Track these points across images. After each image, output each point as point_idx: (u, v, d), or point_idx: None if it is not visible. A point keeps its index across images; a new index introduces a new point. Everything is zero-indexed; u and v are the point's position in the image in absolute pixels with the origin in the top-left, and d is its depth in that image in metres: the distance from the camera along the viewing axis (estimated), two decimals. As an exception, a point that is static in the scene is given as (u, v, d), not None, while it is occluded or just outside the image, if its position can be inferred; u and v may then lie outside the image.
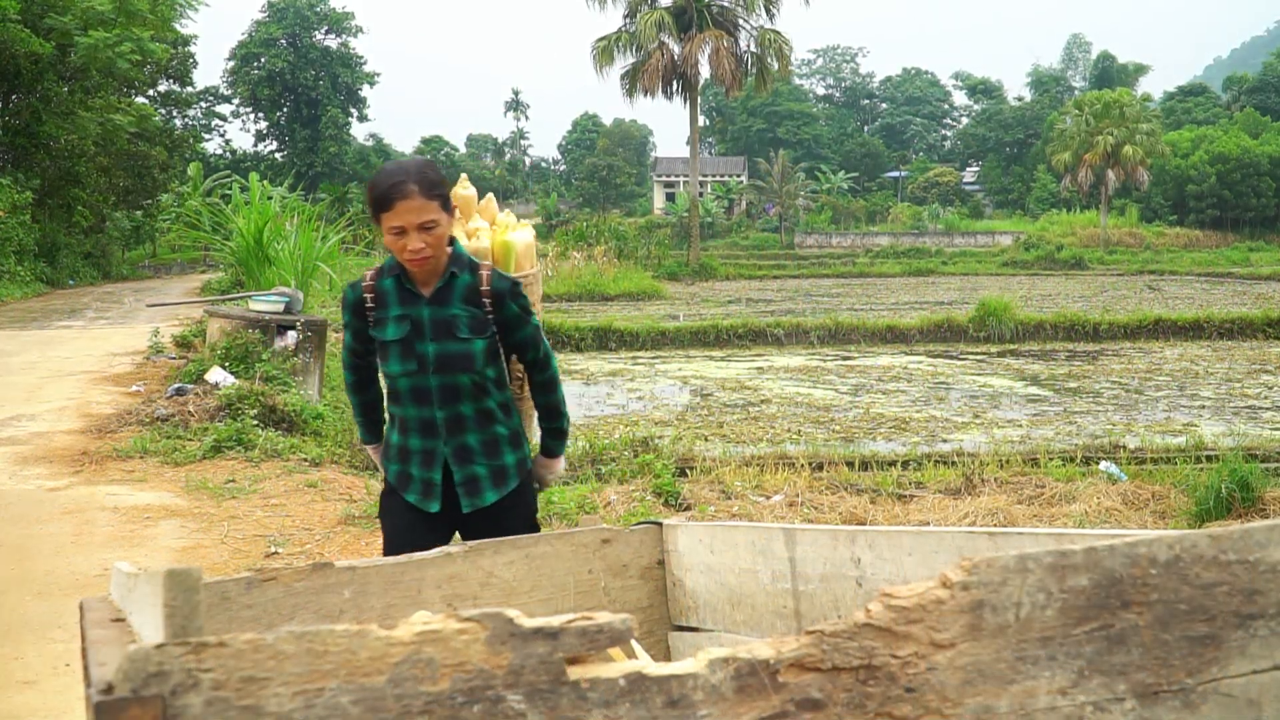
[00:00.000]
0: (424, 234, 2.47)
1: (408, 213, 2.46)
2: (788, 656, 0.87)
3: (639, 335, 17.69)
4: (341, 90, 63.20)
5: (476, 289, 2.59)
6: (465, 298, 2.59)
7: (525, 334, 2.65)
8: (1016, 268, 45.28)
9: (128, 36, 29.03)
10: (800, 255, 50.61)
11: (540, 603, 1.94)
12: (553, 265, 31.68)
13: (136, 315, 19.82)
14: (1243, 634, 0.95)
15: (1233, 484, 6.03)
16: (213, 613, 1.64)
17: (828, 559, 1.68)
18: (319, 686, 0.78)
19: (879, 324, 18.70)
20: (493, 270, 2.63)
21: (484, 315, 2.59)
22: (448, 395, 2.62)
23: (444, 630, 0.81)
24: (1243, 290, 31.11)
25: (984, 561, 0.91)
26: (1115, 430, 9.70)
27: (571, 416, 10.01)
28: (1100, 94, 52.75)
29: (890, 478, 7.31)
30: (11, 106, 29.38)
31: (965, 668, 0.90)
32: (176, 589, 0.93)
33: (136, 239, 39.86)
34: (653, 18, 38.14)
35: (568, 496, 6.42)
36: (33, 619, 4.38)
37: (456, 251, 2.62)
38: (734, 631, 1.87)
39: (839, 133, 77.85)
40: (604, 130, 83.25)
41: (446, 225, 2.53)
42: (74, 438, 8.33)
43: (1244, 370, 14.37)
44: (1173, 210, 56.83)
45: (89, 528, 5.80)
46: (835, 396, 12.24)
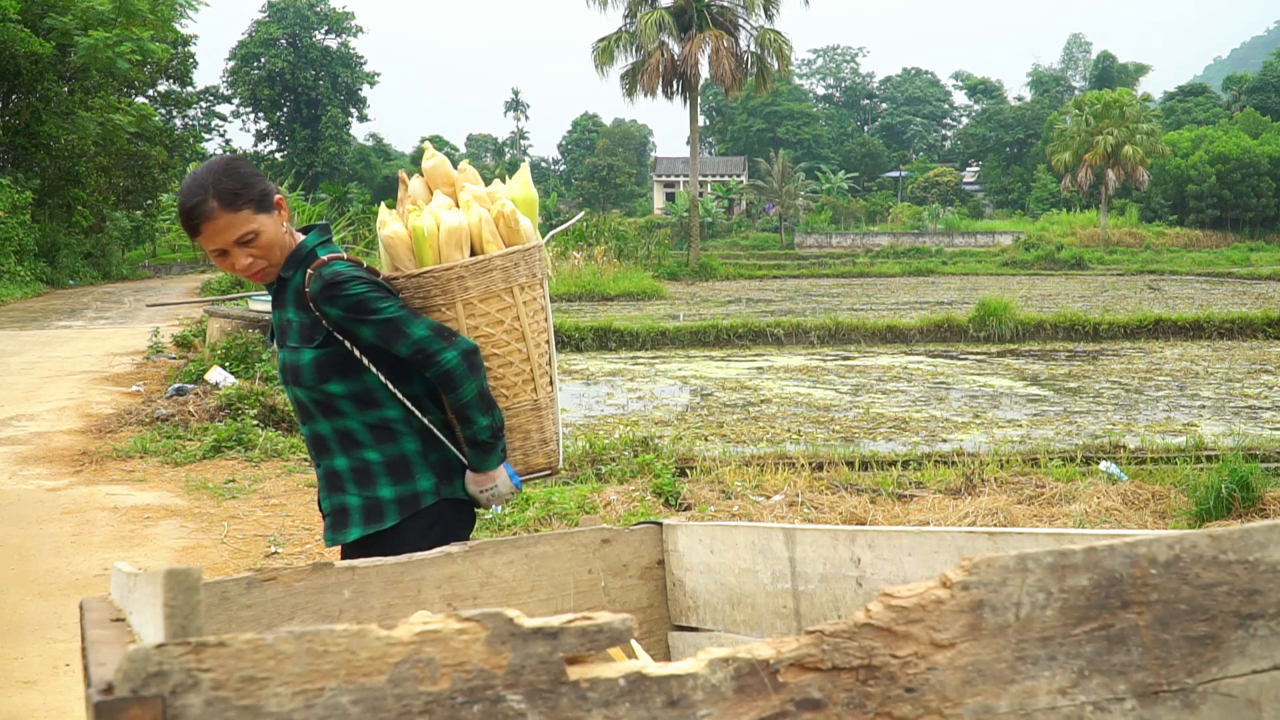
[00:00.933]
0: (246, 248, 2.21)
1: (218, 234, 2.18)
2: (788, 656, 0.87)
3: (639, 335, 17.69)
4: (341, 90, 63.21)
5: (302, 291, 2.27)
6: (296, 301, 2.29)
7: (373, 335, 2.21)
8: (1016, 268, 45.28)
9: (128, 36, 29.04)
10: (800, 255, 50.62)
11: (540, 603, 1.94)
12: (553, 265, 31.68)
13: (136, 315, 19.82)
14: (1243, 634, 0.95)
15: (1233, 484, 6.03)
16: (213, 613, 1.64)
17: (828, 559, 1.68)
18: (319, 686, 0.78)
19: (879, 324, 18.71)
20: (315, 270, 2.24)
21: (315, 321, 2.25)
22: (300, 411, 2.35)
23: (444, 630, 0.82)
24: (1243, 290, 31.11)
25: (984, 561, 0.92)
26: (1115, 430, 9.70)
27: (572, 416, 9.83)
28: (1100, 94, 52.74)
29: (890, 478, 7.31)
30: (11, 106, 29.39)
31: (965, 668, 0.90)
32: (176, 589, 0.93)
33: (136, 239, 39.91)
34: (653, 18, 38.14)
35: (568, 496, 6.42)
36: (33, 619, 4.38)
37: (301, 245, 2.31)
38: (734, 631, 1.87)
39: (839, 133, 77.87)
40: (604, 130, 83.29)
41: (270, 224, 2.23)
42: (74, 438, 8.33)
43: (1244, 370, 14.37)
44: (1173, 210, 56.84)
45: (89, 528, 5.80)
46: (835, 396, 12.24)
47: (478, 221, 2.35)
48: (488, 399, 2.27)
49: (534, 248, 2.38)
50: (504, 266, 2.33)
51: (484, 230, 2.35)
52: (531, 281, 2.38)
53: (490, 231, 2.35)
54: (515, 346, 2.35)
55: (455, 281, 2.29)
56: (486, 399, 2.27)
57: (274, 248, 2.25)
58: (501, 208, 2.38)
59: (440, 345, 2.22)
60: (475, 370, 2.25)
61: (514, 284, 2.33)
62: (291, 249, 2.30)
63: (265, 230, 2.22)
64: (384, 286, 2.27)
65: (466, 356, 2.24)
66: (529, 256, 2.37)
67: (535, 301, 2.39)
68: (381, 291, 2.24)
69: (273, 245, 2.25)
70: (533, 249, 2.38)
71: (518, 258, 2.34)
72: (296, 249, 2.30)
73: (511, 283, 2.33)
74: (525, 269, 2.36)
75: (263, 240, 2.23)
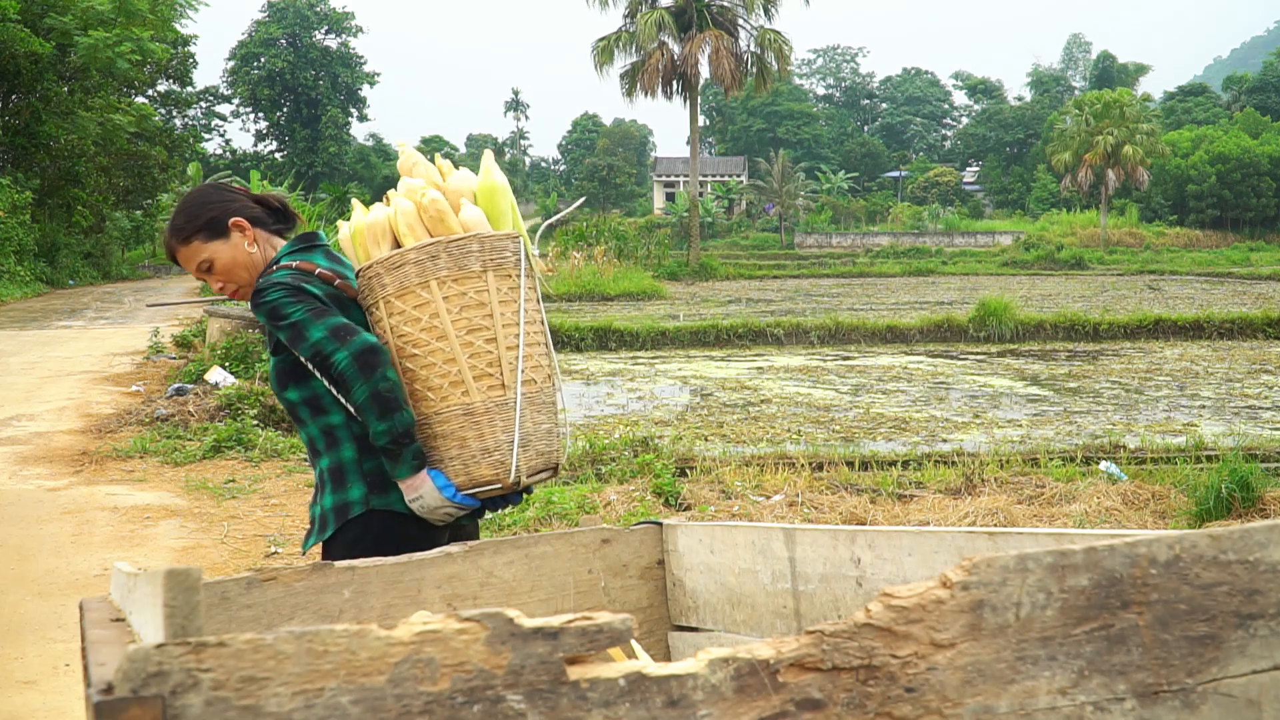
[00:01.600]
0: (211, 275, 2.29)
1: (185, 264, 2.30)
2: (788, 656, 0.87)
3: (639, 335, 17.69)
4: (341, 90, 63.22)
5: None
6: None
7: (285, 340, 2.17)
8: (1016, 268, 45.29)
9: (127, 36, 29.05)
10: (800, 255, 50.64)
11: (540, 603, 1.94)
12: (553, 265, 31.69)
13: (136, 315, 19.82)
14: (1243, 634, 0.95)
15: (1233, 484, 6.03)
16: (213, 613, 1.64)
17: (828, 559, 1.68)
18: (319, 687, 0.78)
19: (879, 324, 18.71)
20: (260, 278, 2.24)
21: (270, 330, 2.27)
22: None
23: (444, 630, 0.82)
24: (1243, 290, 31.12)
25: (984, 561, 0.92)
26: (1115, 430, 9.70)
27: (572, 416, 9.81)
28: (1100, 94, 52.76)
29: (890, 478, 7.31)
30: (11, 106, 29.39)
31: (965, 668, 0.90)
32: (176, 589, 0.93)
33: (136, 239, 39.92)
34: (653, 18, 38.15)
35: (568, 496, 6.42)
36: (33, 619, 4.38)
37: (275, 258, 2.33)
38: (734, 631, 1.87)
39: (839, 133, 77.89)
40: (604, 130, 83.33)
41: (224, 249, 2.28)
42: (74, 438, 8.33)
43: (1244, 370, 14.37)
44: (1173, 210, 56.86)
45: (89, 528, 5.80)
46: (835, 396, 12.24)
47: (394, 214, 2.23)
48: (384, 401, 2.11)
49: (465, 238, 2.18)
50: (418, 260, 2.16)
51: (400, 223, 2.22)
52: (461, 274, 2.17)
53: (408, 224, 2.21)
54: (436, 346, 2.16)
55: (374, 279, 2.21)
56: (383, 401, 2.10)
57: (235, 269, 2.29)
58: (421, 197, 2.22)
59: (333, 346, 2.11)
60: (367, 370, 2.10)
61: (431, 278, 2.15)
62: (264, 264, 2.31)
63: (219, 256, 2.28)
64: (305, 291, 2.18)
65: (358, 356, 2.10)
66: (456, 247, 2.17)
67: (469, 296, 2.17)
68: (296, 296, 2.16)
69: (233, 268, 2.29)
70: (464, 239, 2.18)
71: (436, 249, 2.16)
72: (271, 262, 2.31)
73: (428, 277, 2.15)
74: (448, 261, 2.16)
75: (219, 266, 2.28)
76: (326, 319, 2.15)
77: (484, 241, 2.20)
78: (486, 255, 2.20)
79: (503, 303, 2.21)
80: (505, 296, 2.21)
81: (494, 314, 2.19)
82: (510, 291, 2.22)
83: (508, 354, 2.19)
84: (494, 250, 2.21)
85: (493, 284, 2.20)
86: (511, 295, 2.22)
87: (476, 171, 2.40)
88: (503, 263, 2.22)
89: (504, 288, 2.21)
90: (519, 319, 2.22)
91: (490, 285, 2.19)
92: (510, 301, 2.22)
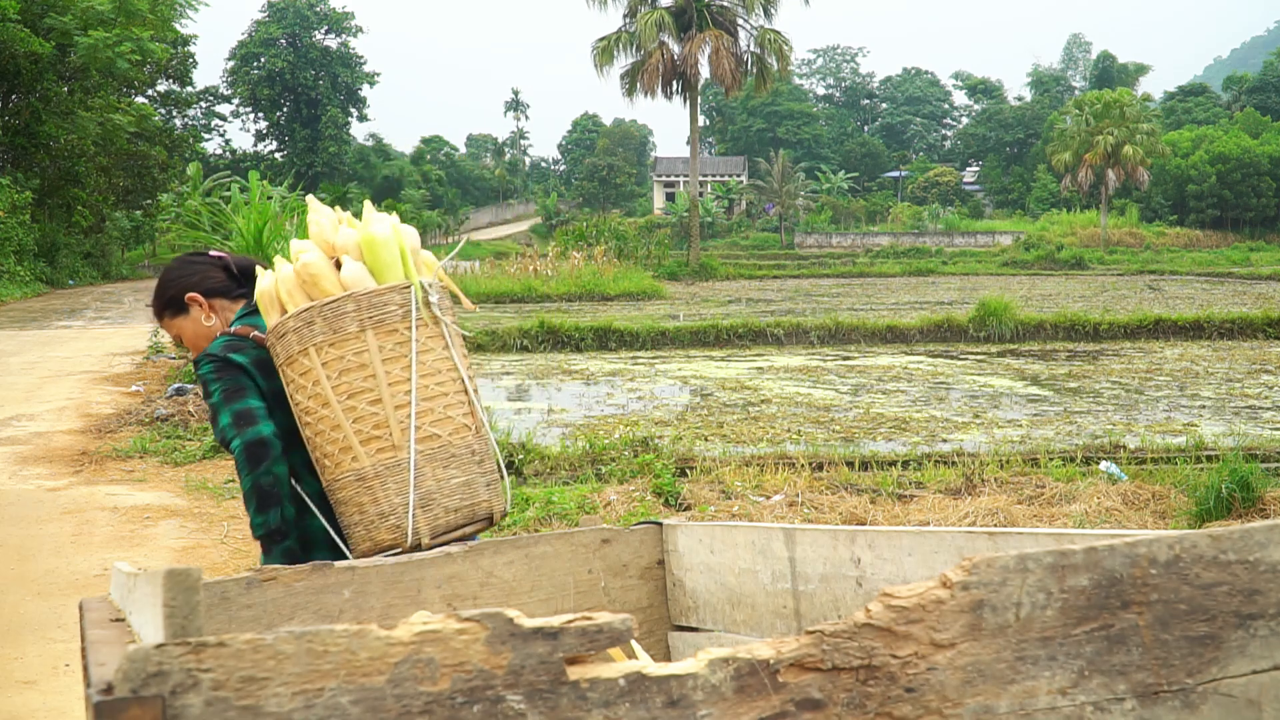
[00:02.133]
0: (182, 347, 2.52)
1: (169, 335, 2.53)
2: (788, 656, 0.87)
3: (639, 335, 17.69)
4: (341, 90, 63.20)
5: None
6: None
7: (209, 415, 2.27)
8: (1016, 268, 45.29)
9: (127, 36, 29.06)
10: (800, 255, 50.64)
11: (540, 603, 1.94)
12: (553, 265, 31.69)
13: (136, 315, 19.82)
14: (1243, 634, 0.95)
15: (1233, 484, 6.03)
16: (212, 613, 1.64)
17: (828, 559, 1.68)
18: (319, 687, 0.78)
19: (879, 324, 18.71)
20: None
21: None
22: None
23: (444, 630, 0.82)
24: (1243, 290, 31.12)
25: (984, 561, 0.92)
26: (1115, 430, 9.70)
27: (572, 416, 9.86)
28: (1100, 94, 52.77)
29: (890, 478, 7.31)
30: (11, 106, 29.40)
31: (965, 668, 0.90)
32: (176, 589, 0.93)
33: (136, 239, 39.91)
34: (652, 17, 38.15)
35: (568, 496, 6.42)
36: (33, 619, 4.38)
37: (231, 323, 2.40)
38: (734, 631, 1.87)
39: (839, 133, 77.89)
40: (604, 130, 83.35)
41: (186, 324, 2.43)
42: (74, 438, 8.33)
43: (1244, 370, 14.37)
44: (1173, 210, 56.86)
45: (89, 528, 5.80)
46: (835, 396, 12.24)
47: (275, 282, 2.19)
48: (264, 496, 2.14)
49: (339, 299, 2.10)
50: (295, 328, 2.10)
51: (281, 290, 2.17)
52: (337, 338, 2.09)
53: (288, 291, 2.16)
54: (323, 413, 2.10)
55: (270, 348, 2.19)
56: (262, 495, 2.14)
57: (199, 340, 2.42)
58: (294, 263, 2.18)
59: (233, 434, 2.17)
60: (253, 463, 2.13)
61: (309, 345, 2.08)
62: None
63: (184, 330, 2.45)
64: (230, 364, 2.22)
65: (248, 448, 2.15)
66: (330, 310, 2.09)
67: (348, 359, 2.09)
68: (218, 373, 2.21)
69: (196, 340, 2.43)
70: (338, 301, 2.09)
71: (311, 315, 2.09)
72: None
73: (306, 344, 2.09)
74: (323, 325, 2.09)
75: (185, 339, 2.45)
76: (234, 404, 2.18)
77: (360, 300, 2.11)
78: (364, 314, 2.11)
79: (389, 360, 2.11)
80: (392, 353, 2.12)
81: (377, 373, 2.10)
82: (399, 347, 2.12)
83: (397, 413, 2.10)
84: (373, 307, 2.11)
85: (373, 342, 2.11)
86: (400, 350, 2.12)
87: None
88: (385, 318, 2.12)
89: (389, 344, 2.12)
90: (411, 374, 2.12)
91: (370, 344, 2.10)
92: (399, 357, 2.12)
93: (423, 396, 2.12)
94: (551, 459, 7.85)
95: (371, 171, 63.03)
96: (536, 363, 15.77)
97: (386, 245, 2.20)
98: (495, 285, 28.82)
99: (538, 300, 27.53)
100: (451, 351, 2.19)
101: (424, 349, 2.14)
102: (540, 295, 28.20)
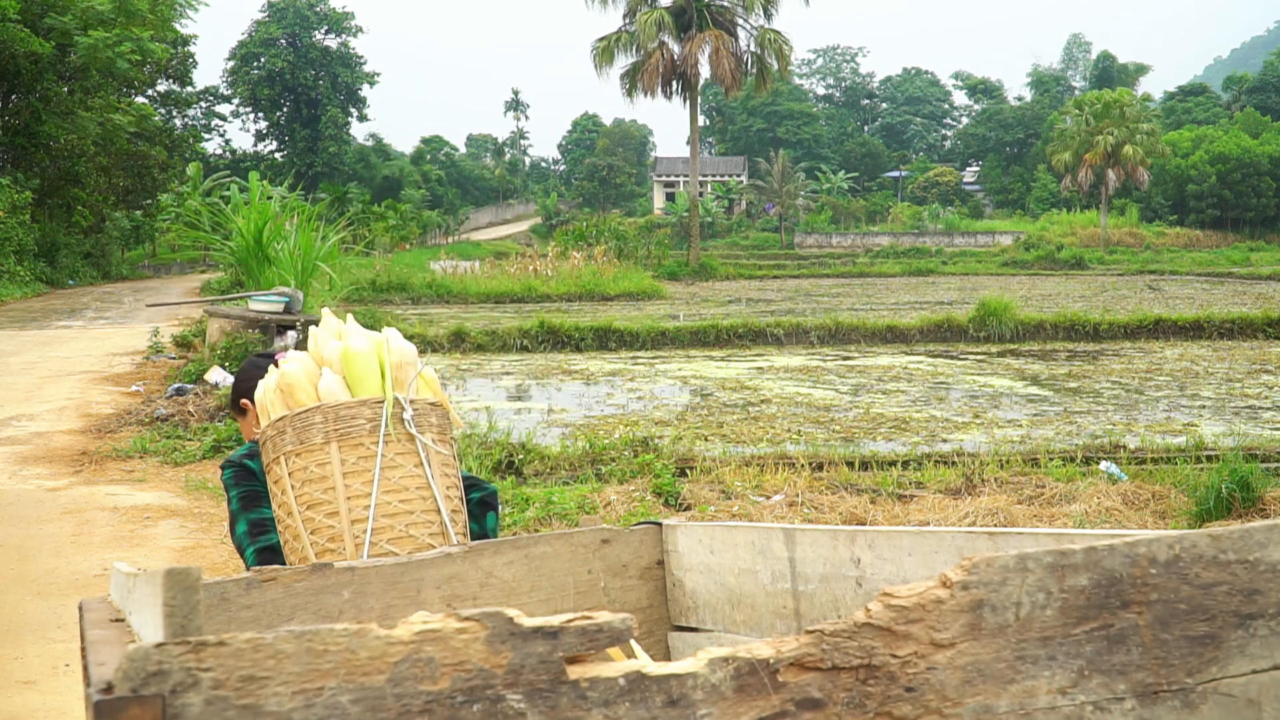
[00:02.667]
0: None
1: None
2: (788, 656, 0.87)
3: (639, 335, 17.69)
4: (341, 90, 63.20)
5: None
6: None
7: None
8: (1016, 268, 45.30)
9: (127, 36, 29.06)
10: (800, 255, 50.65)
11: (540, 603, 1.94)
12: (553, 265, 31.71)
13: (136, 315, 19.82)
14: (1243, 634, 0.95)
15: (1233, 484, 6.04)
16: (212, 613, 1.64)
17: (828, 559, 1.68)
18: (318, 686, 0.78)
19: (879, 324, 18.71)
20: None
21: None
22: None
23: (444, 630, 0.82)
24: (1243, 290, 31.12)
25: (984, 561, 0.91)
26: (1115, 430, 9.70)
27: (572, 416, 9.93)
28: (1100, 94, 52.78)
29: (890, 478, 7.31)
30: (11, 106, 29.40)
31: (965, 667, 0.90)
32: (176, 589, 0.93)
33: (136, 239, 39.91)
34: (652, 17, 38.16)
35: (568, 496, 6.42)
36: (33, 619, 4.38)
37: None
38: (734, 631, 1.87)
39: (839, 133, 77.88)
40: (604, 130, 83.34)
41: (246, 424, 2.62)
42: (74, 438, 8.33)
43: (1244, 370, 14.37)
44: (1173, 210, 56.86)
45: (89, 528, 5.80)
46: (835, 396, 12.24)
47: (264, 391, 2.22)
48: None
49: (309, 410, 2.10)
50: (271, 437, 2.13)
51: (266, 399, 2.20)
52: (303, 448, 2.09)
53: (270, 400, 2.18)
54: (287, 522, 2.12)
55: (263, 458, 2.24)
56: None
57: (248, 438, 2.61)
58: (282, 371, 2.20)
59: (247, 542, 2.30)
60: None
61: (280, 454, 2.10)
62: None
63: (245, 429, 2.65)
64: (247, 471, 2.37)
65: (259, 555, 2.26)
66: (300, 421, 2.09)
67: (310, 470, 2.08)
68: (237, 480, 2.37)
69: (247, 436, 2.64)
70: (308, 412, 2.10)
71: (284, 425, 2.10)
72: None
73: (278, 453, 2.11)
74: (293, 436, 2.09)
75: (245, 437, 2.66)
76: (250, 513, 2.32)
77: (329, 412, 2.09)
78: (330, 425, 2.08)
79: (351, 474, 2.07)
80: (354, 467, 2.08)
81: (336, 486, 2.07)
82: (362, 461, 2.08)
83: (353, 528, 2.05)
84: (340, 420, 2.08)
85: (336, 455, 2.07)
86: (364, 465, 2.07)
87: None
88: (351, 431, 2.09)
89: (352, 457, 2.08)
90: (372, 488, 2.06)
91: (334, 457, 2.07)
92: (362, 471, 2.07)
93: (383, 513, 2.06)
94: (551, 459, 7.85)
95: (371, 171, 63.03)
96: (536, 363, 15.77)
97: (362, 359, 2.17)
98: (495, 285, 28.83)
99: (538, 300, 27.53)
100: (425, 469, 2.12)
101: (391, 465, 2.08)
102: (540, 295, 28.20)
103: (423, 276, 29.60)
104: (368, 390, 2.15)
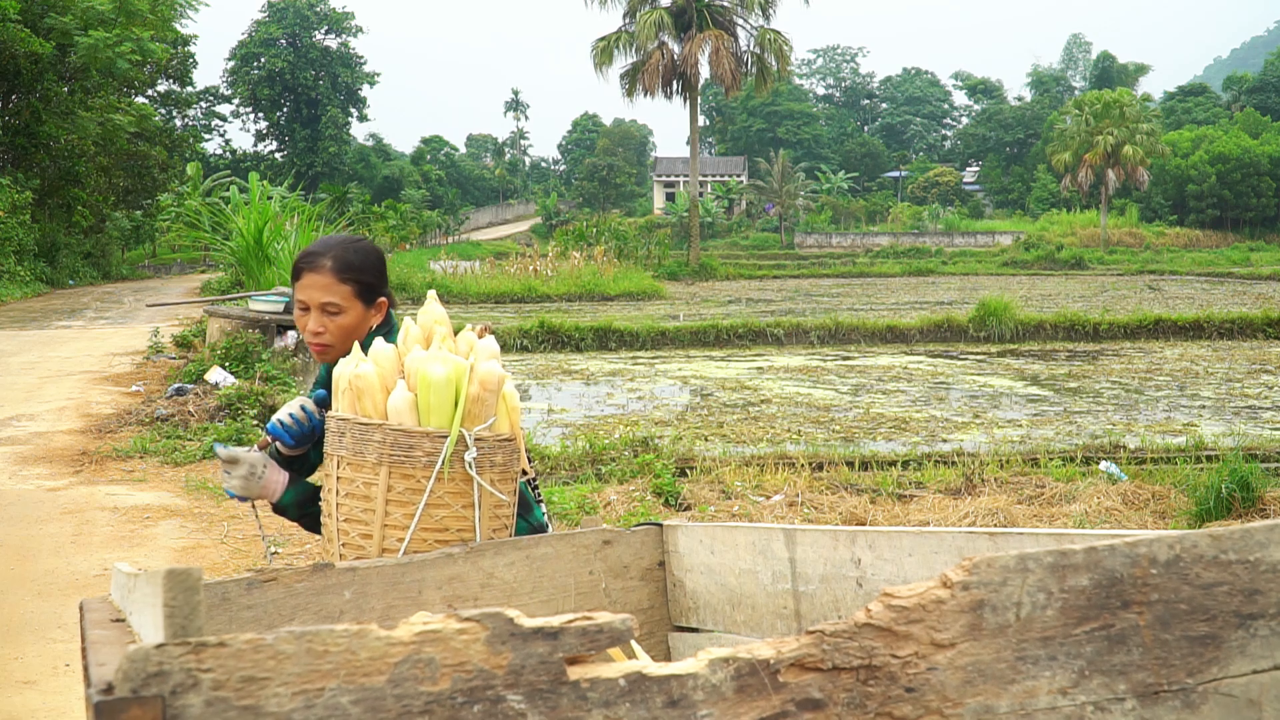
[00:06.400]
0: (326, 317, 2.22)
1: (312, 288, 2.21)
2: (788, 656, 0.87)
3: (639, 335, 17.69)
4: (341, 90, 63.20)
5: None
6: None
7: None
8: (1016, 268, 45.31)
9: (127, 36, 29.05)
10: (800, 255, 50.65)
11: (541, 603, 1.94)
12: (553, 265, 31.70)
13: (136, 315, 19.81)
14: (1243, 634, 0.95)
15: (1233, 484, 6.04)
16: (213, 613, 1.64)
17: (828, 559, 1.68)
18: (319, 687, 0.78)
19: (879, 324, 18.71)
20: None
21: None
22: None
23: (444, 630, 0.82)
24: (1243, 290, 31.12)
25: (984, 561, 0.91)
26: (1115, 430, 9.70)
27: (572, 416, 10.00)
28: (1100, 94, 52.76)
29: (890, 478, 7.31)
30: (11, 106, 29.39)
31: (965, 668, 0.90)
32: (176, 589, 0.93)
33: (136, 239, 39.92)
34: (652, 17, 38.17)
35: (568, 497, 6.42)
36: (33, 619, 4.38)
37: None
38: (734, 632, 1.87)
39: (839, 133, 77.88)
40: (604, 130, 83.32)
41: (359, 315, 2.24)
42: (74, 438, 8.33)
43: (1244, 370, 14.37)
44: (1173, 210, 56.86)
45: (89, 528, 5.80)
46: (835, 396, 12.24)
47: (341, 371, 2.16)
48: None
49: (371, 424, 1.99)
50: (332, 430, 2.07)
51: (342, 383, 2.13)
52: (357, 460, 1.99)
53: (342, 390, 2.14)
54: (325, 521, 2.08)
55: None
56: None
57: (349, 336, 2.23)
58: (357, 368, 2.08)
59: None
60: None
61: (334, 452, 2.04)
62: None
63: (351, 315, 2.24)
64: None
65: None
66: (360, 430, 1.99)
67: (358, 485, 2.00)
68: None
69: (349, 333, 2.24)
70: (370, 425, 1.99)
71: (344, 426, 2.02)
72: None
73: (333, 450, 2.05)
74: (350, 442, 2.00)
75: (342, 321, 2.23)
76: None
77: (389, 435, 1.97)
78: (387, 448, 1.97)
79: (394, 503, 1.96)
80: (400, 496, 1.96)
81: (378, 511, 1.97)
82: (409, 493, 1.96)
83: (383, 555, 1.96)
84: (398, 446, 1.96)
85: (384, 480, 1.96)
86: (411, 497, 1.96)
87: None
88: (405, 461, 1.96)
89: (400, 486, 1.96)
90: (412, 523, 1.96)
91: (381, 481, 1.96)
92: (407, 504, 1.96)
93: (415, 548, 1.96)
94: (552, 459, 7.85)
95: (371, 171, 63.04)
96: (536, 363, 15.77)
97: (437, 390, 2.00)
98: (495, 285, 28.83)
99: (538, 300, 27.53)
100: (475, 511, 2.00)
101: (438, 503, 1.96)
102: (540, 295, 28.20)
103: (423, 276, 29.59)
104: (437, 419, 2.00)
